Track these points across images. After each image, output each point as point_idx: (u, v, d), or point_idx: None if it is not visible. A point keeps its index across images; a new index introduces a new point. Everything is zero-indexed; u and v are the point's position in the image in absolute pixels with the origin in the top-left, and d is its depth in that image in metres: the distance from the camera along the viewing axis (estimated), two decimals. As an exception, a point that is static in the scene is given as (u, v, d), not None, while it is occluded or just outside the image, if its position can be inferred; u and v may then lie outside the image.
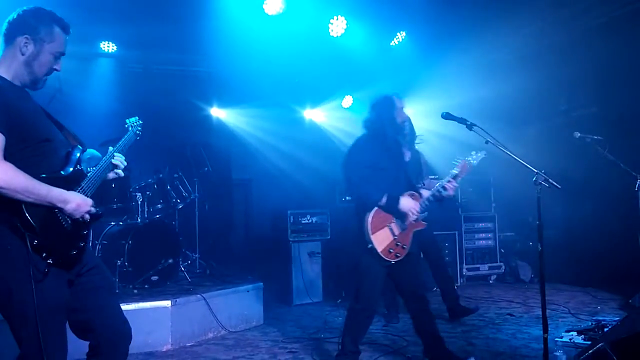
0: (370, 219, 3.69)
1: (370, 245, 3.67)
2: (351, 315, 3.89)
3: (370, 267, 3.77)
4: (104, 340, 2.51)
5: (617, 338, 3.08)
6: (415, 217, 3.79)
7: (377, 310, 3.95)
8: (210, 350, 4.70)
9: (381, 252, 3.68)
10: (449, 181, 3.81)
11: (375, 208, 3.72)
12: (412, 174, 4.14)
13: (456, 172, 3.81)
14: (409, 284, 3.93)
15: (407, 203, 3.74)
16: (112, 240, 5.42)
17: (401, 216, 3.77)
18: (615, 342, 3.01)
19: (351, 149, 3.95)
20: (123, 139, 2.79)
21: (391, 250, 3.72)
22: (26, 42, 2.34)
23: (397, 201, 3.72)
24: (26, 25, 2.35)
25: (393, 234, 3.76)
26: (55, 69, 2.47)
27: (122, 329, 2.59)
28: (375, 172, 3.77)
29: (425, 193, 3.92)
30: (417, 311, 3.94)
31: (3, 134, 2.14)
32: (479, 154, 3.90)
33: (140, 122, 2.95)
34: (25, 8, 2.39)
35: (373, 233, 3.68)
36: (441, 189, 3.81)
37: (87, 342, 2.54)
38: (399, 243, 3.77)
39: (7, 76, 2.34)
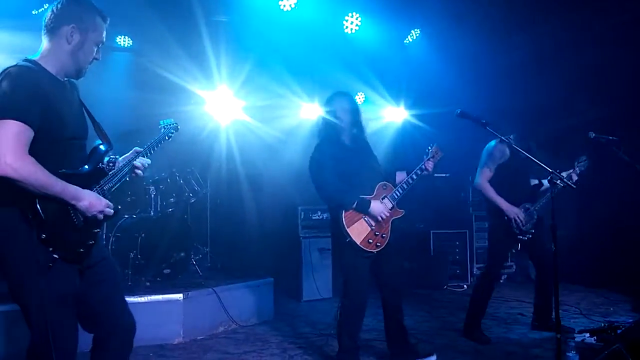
0: (344, 213, 3.76)
1: (348, 239, 3.73)
2: (343, 311, 3.93)
3: (353, 260, 3.83)
4: (109, 332, 2.54)
5: (632, 339, 3.07)
6: (384, 220, 3.85)
7: (367, 303, 3.98)
8: (221, 344, 4.73)
9: (360, 243, 3.75)
10: (425, 163, 3.96)
11: None
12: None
13: (431, 155, 3.99)
14: (387, 275, 3.99)
15: (376, 208, 3.81)
16: (126, 232, 5.44)
17: (373, 217, 3.83)
18: (631, 343, 2.99)
19: (312, 156, 4.02)
20: (154, 140, 2.83)
21: (370, 241, 3.79)
22: (72, 32, 2.35)
23: (367, 206, 3.79)
24: (71, 15, 2.35)
25: (370, 225, 3.82)
26: (96, 58, 2.48)
27: (127, 322, 2.62)
28: (342, 174, 3.85)
29: (401, 177, 4.03)
30: (390, 303, 4.03)
31: (32, 129, 2.15)
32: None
33: (176, 124, 2.96)
34: None
35: (349, 226, 3.75)
36: (419, 171, 3.94)
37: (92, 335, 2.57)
38: (377, 233, 3.83)
39: (51, 68, 2.34)
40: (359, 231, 3.77)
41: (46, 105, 2.21)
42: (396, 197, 3.94)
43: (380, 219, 3.81)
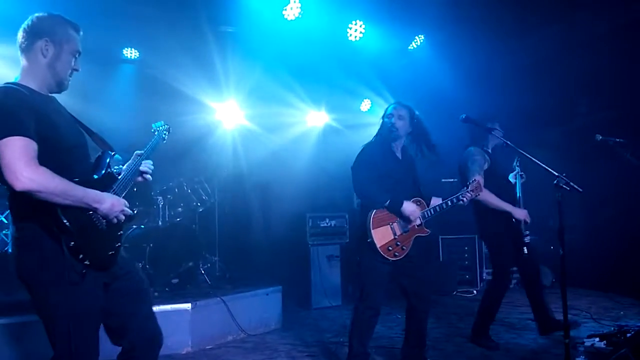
0: (373, 214, 3.77)
1: (369, 239, 3.74)
2: (356, 314, 3.92)
3: (372, 264, 3.83)
4: (137, 345, 2.55)
5: (640, 343, 3.04)
6: (417, 222, 3.87)
7: (380, 309, 3.96)
8: (230, 353, 4.73)
9: (380, 247, 3.75)
10: (463, 194, 3.92)
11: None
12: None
13: (471, 189, 3.94)
14: (410, 283, 3.97)
15: (409, 208, 3.82)
16: (134, 243, 5.49)
17: (404, 219, 3.85)
18: (639, 347, 2.97)
19: (360, 153, 4.04)
20: (150, 144, 2.84)
21: (390, 249, 3.79)
22: (46, 45, 2.37)
23: (400, 205, 3.80)
24: (43, 29, 2.38)
25: (394, 233, 3.83)
26: (76, 69, 2.50)
27: (155, 335, 2.64)
28: (382, 177, 3.87)
29: (435, 201, 4.01)
30: (417, 310, 4.00)
31: (34, 141, 2.16)
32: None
33: (167, 126, 3.01)
34: (37, 14, 2.41)
35: (374, 228, 3.76)
36: (455, 200, 3.92)
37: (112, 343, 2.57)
38: (398, 243, 3.83)
39: (33, 85, 2.36)
40: (382, 235, 3.78)
41: (38, 118, 2.22)
42: (426, 216, 3.94)
43: (412, 219, 3.83)
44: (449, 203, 3.92)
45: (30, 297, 2.28)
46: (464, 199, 3.91)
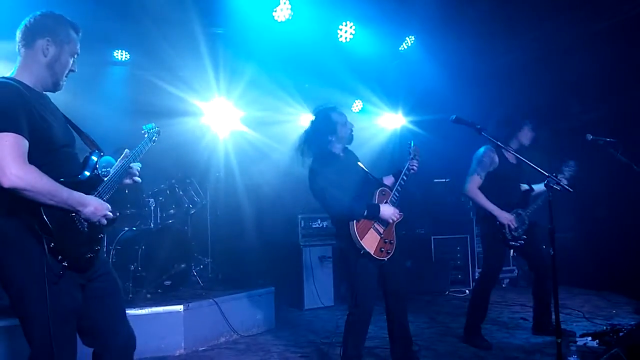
0: (355, 226, 3.77)
1: (363, 251, 3.76)
2: (350, 318, 3.92)
3: (364, 268, 3.83)
4: (108, 348, 2.54)
5: (632, 343, 3.06)
6: (397, 220, 3.94)
7: (372, 312, 3.96)
8: (223, 355, 4.71)
9: (374, 254, 3.78)
10: (410, 163, 4.06)
11: None
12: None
13: (411, 155, 4.09)
14: (393, 283, 4.02)
15: (387, 211, 3.86)
16: (126, 245, 5.46)
17: (383, 221, 3.88)
18: (630, 346, 2.98)
19: (312, 175, 3.94)
20: (139, 146, 2.82)
21: (382, 250, 3.84)
22: (48, 45, 2.37)
23: (377, 210, 3.84)
24: (46, 28, 2.38)
25: (379, 233, 3.87)
26: (72, 70, 2.51)
27: (127, 339, 2.63)
28: (343, 188, 3.83)
29: (389, 181, 4.16)
30: (395, 310, 4.06)
31: (26, 138, 2.16)
32: None
33: (158, 128, 2.99)
34: (39, 12, 2.41)
35: (362, 238, 3.77)
36: (408, 172, 4.03)
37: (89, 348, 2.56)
38: (386, 240, 3.89)
39: (29, 82, 2.36)
40: (371, 241, 3.80)
41: (31, 115, 2.22)
42: (395, 201, 3.98)
43: (392, 220, 3.88)
44: (405, 178, 4.03)
45: (7, 294, 2.28)
46: (413, 167, 4.05)
